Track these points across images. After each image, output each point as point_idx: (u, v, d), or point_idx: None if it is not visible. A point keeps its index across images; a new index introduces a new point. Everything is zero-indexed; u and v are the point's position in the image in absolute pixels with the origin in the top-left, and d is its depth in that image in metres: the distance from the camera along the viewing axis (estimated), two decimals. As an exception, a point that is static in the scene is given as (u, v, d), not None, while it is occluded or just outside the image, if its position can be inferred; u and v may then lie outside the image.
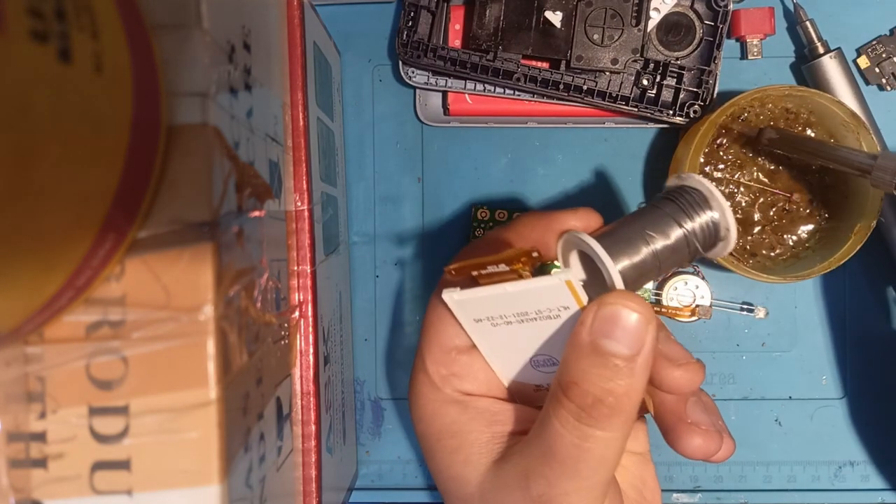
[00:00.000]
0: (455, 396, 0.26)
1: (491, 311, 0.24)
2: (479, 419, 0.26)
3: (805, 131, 0.36)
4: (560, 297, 0.23)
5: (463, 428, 0.26)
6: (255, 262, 0.23)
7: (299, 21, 0.29)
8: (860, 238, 0.34)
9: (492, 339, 0.25)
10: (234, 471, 0.20)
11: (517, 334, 0.25)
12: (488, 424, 0.26)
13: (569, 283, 0.22)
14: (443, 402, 0.26)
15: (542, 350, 0.25)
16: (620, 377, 0.22)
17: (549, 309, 0.24)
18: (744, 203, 0.36)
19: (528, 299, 0.23)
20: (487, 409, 0.26)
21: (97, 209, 0.17)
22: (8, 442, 0.19)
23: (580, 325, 0.23)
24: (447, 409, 0.26)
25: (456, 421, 0.26)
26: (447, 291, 0.24)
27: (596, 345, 0.22)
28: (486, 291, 0.23)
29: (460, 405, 0.26)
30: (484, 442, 0.25)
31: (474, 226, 0.39)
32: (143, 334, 0.19)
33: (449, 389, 0.26)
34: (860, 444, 0.39)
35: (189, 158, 0.19)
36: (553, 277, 0.22)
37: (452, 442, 0.26)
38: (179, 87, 0.19)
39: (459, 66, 0.36)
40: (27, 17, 0.14)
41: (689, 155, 0.34)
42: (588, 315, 0.23)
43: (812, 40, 0.37)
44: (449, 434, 0.26)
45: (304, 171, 0.29)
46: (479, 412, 0.26)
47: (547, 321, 0.24)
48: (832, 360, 0.39)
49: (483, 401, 0.26)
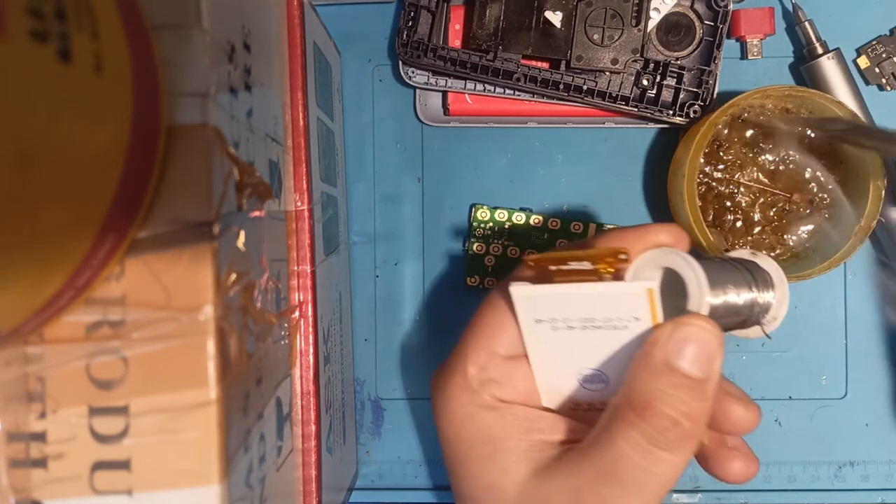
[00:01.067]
0: (491, 402, 0.25)
1: (557, 312, 0.24)
2: (517, 426, 0.25)
3: (805, 131, 0.36)
4: (635, 307, 0.22)
5: (499, 435, 0.25)
6: (255, 262, 0.23)
7: (299, 21, 0.29)
8: (860, 238, 0.34)
9: (545, 345, 0.25)
10: (234, 471, 0.20)
11: (575, 342, 0.24)
12: (526, 432, 0.25)
13: (650, 293, 0.22)
14: (478, 407, 0.25)
15: (596, 364, 0.24)
16: (696, 400, 0.22)
17: (619, 318, 0.23)
18: (744, 203, 0.36)
19: (600, 304, 0.23)
20: (525, 416, 0.25)
21: (97, 209, 0.17)
22: (8, 442, 0.19)
23: (653, 345, 0.22)
24: (482, 415, 0.25)
25: (492, 427, 0.25)
26: (516, 285, 0.23)
27: (670, 365, 0.22)
28: (558, 290, 0.23)
29: (496, 411, 0.25)
30: (522, 450, 0.25)
31: (474, 226, 0.39)
32: (143, 334, 0.19)
33: (486, 395, 0.25)
34: (860, 444, 0.39)
35: (189, 158, 0.19)
36: (635, 284, 0.22)
37: (487, 449, 0.25)
38: (179, 87, 0.19)
39: (459, 66, 0.36)
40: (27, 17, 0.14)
41: (689, 156, 0.34)
42: (663, 334, 0.22)
43: (811, 41, 0.37)
44: (483, 441, 0.25)
45: (304, 171, 0.29)
46: (516, 419, 0.25)
47: (612, 331, 0.23)
48: (832, 360, 0.39)
49: (520, 408, 0.25)
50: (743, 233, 0.36)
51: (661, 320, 0.23)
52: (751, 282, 0.25)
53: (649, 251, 0.23)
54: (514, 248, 0.39)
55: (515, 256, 0.39)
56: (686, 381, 0.22)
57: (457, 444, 0.26)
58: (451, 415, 0.26)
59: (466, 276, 0.39)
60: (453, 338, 0.27)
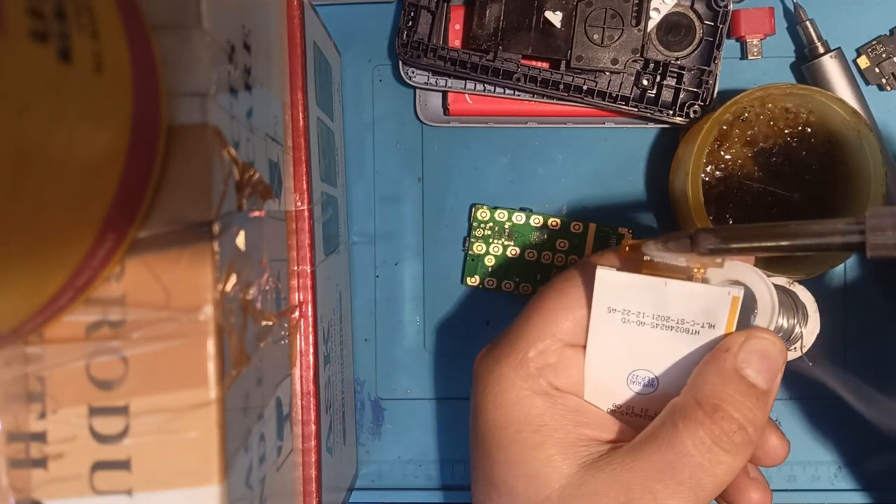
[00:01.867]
0: (546, 388, 0.25)
1: (633, 304, 0.24)
2: (568, 417, 0.25)
3: (805, 131, 0.36)
4: (716, 313, 0.23)
5: (549, 423, 0.24)
6: (255, 262, 0.23)
7: (299, 21, 0.29)
8: None
9: (609, 336, 0.24)
10: (234, 471, 0.20)
11: (639, 339, 0.24)
12: (576, 424, 0.25)
13: (735, 301, 0.23)
14: (531, 392, 0.25)
15: (652, 366, 0.25)
16: (760, 409, 0.23)
17: (695, 322, 0.23)
18: (746, 203, 0.36)
19: (681, 303, 0.23)
20: (577, 408, 0.25)
21: (97, 209, 0.17)
22: (8, 442, 0.19)
23: (725, 352, 0.23)
24: (534, 400, 0.25)
25: (543, 414, 0.24)
26: (602, 268, 0.24)
27: (741, 372, 0.23)
28: (646, 280, 0.23)
29: (550, 398, 0.25)
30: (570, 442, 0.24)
31: (474, 226, 0.39)
32: (143, 334, 0.19)
33: (542, 380, 0.25)
34: (860, 444, 0.39)
35: (189, 158, 0.19)
36: (723, 289, 0.23)
37: (536, 437, 0.24)
38: (179, 87, 0.19)
39: (459, 66, 0.36)
40: (27, 17, 0.14)
41: (693, 155, 0.34)
42: (735, 343, 0.23)
43: (812, 40, 0.37)
44: (533, 427, 0.24)
45: (304, 171, 0.29)
46: (567, 410, 0.25)
47: (681, 335, 0.24)
48: (832, 360, 0.39)
49: (572, 399, 0.25)
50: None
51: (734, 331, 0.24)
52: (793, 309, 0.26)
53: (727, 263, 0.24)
54: (514, 248, 0.39)
55: (515, 256, 0.39)
56: (753, 390, 0.23)
57: (503, 427, 0.25)
58: (501, 396, 0.25)
59: (466, 276, 0.39)
60: (453, 338, 0.27)
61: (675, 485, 0.23)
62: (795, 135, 0.36)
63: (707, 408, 0.23)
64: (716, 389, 0.23)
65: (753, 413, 0.23)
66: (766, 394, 0.23)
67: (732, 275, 0.24)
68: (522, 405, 0.25)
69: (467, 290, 0.39)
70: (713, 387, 0.23)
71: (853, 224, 0.21)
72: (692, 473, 0.22)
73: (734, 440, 0.23)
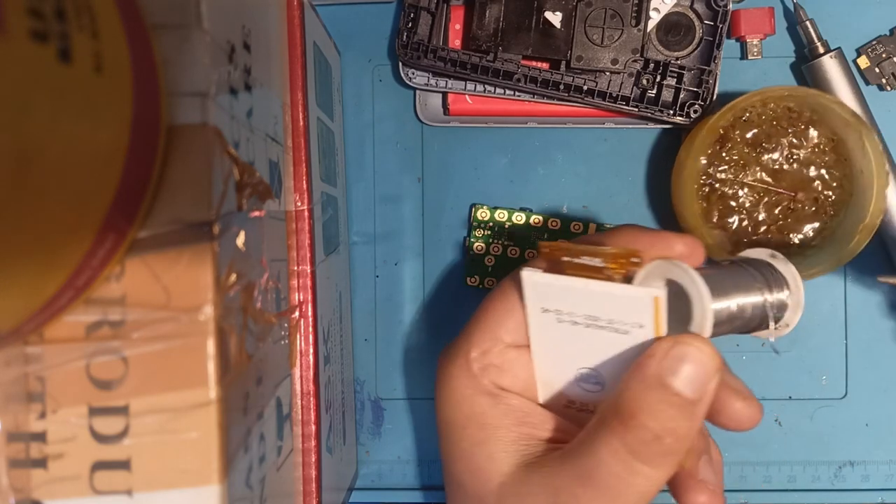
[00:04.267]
0: (490, 388, 0.25)
1: (563, 304, 0.23)
2: (510, 416, 0.25)
3: (807, 130, 0.36)
4: (640, 313, 0.22)
5: (492, 421, 0.25)
6: (255, 262, 0.23)
7: (299, 21, 0.29)
8: (866, 234, 0.34)
9: (549, 336, 0.25)
10: (234, 471, 0.20)
11: (577, 338, 0.24)
12: (518, 424, 0.25)
13: (657, 301, 0.22)
14: (476, 391, 0.25)
15: (594, 364, 0.24)
16: (683, 419, 0.22)
17: (623, 322, 0.23)
18: (748, 203, 0.36)
19: (606, 304, 0.23)
20: (520, 407, 0.25)
21: (97, 209, 0.17)
22: (8, 442, 0.19)
23: (649, 357, 0.22)
24: (479, 399, 0.25)
25: (486, 413, 0.25)
26: (529, 269, 0.23)
27: (663, 380, 0.22)
28: (568, 281, 0.23)
29: (493, 398, 0.25)
30: (511, 440, 0.25)
31: (474, 226, 0.39)
32: (143, 334, 0.19)
33: (486, 380, 0.25)
34: (860, 444, 0.39)
35: (189, 158, 0.19)
36: (643, 290, 0.22)
37: (480, 433, 0.25)
38: (179, 87, 0.19)
39: (459, 67, 0.36)
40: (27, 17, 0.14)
41: (690, 158, 0.34)
42: (660, 349, 0.22)
43: (812, 40, 0.37)
44: (477, 425, 0.25)
45: (304, 171, 0.29)
46: (510, 409, 0.25)
47: (613, 335, 0.23)
48: (832, 360, 0.39)
49: (516, 398, 0.26)
50: (748, 233, 0.36)
51: (665, 332, 0.22)
52: (763, 287, 0.24)
53: (658, 261, 0.23)
54: (514, 248, 0.39)
55: (515, 256, 0.39)
56: (676, 399, 0.22)
57: (452, 424, 0.26)
58: (450, 395, 0.26)
59: (466, 276, 0.39)
60: (453, 338, 0.27)
61: (595, 491, 0.22)
62: (798, 134, 0.36)
63: (623, 416, 0.22)
64: (635, 396, 0.22)
65: (675, 422, 0.22)
66: (692, 403, 0.22)
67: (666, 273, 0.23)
68: (468, 403, 0.25)
69: (467, 290, 0.39)
70: (633, 393, 0.22)
71: None
72: (610, 482, 0.22)
73: (650, 451, 0.22)
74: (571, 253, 0.23)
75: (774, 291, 0.25)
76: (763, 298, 0.24)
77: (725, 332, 0.24)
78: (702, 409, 0.22)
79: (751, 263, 0.25)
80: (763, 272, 0.25)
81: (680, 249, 0.25)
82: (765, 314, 0.24)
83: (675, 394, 0.22)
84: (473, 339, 0.26)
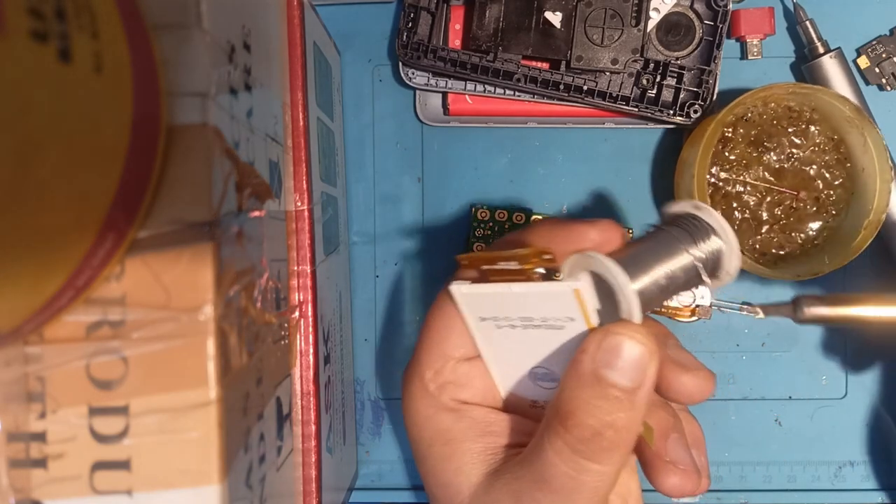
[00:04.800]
0: (450, 404, 0.26)
1: (497, 310, 0.24)
2: (474, 428, 0.25)
3: (808, 129, 0.36)
4: (567, 307, 0.22)
5: (456, 436, 0.25)
6: (255, 262, 0.23)
7: (299, 21, 0.29)
8: (871, 231, 0.34)
9: (494, 343, 0.25)
10: (234, 471, 0.20)
11: (520, 341, 0.24)
12: (482, 434, 0.25)
13: (577, 292, 0.22)
14: (437, 409, 0.26)
15: (543, 363, 0.24)
16: (621, 410, 0.22)
17: (555, 318, 0.23)
18: (751, 202, 0.36)
19: (534, 303, 0.23)
20: (482, 418, 0.26)
21: (97, 209, 0.17)
22: (8, 442, 0.19)
23: (582, 353, 0.22)
24: (441, 417, 0.26)
25: (450, 429, 0.25)
26: (456, 283, 0.24)
27: (598, 374, 0.22)
28: (492, 288, 0.23)
29: (455, 413, 0.26)
30: (476, 452, 0.25)
31: (474, 226, 0.39)
32: (143, 334, 0.19)
33: (445, 397, 0.26)
34: (860, 444, 0.39)
35: (189, 158, 0.19)
36: (562, 284, 0.22)
37: (445, 449, 0.25)
38: (179, 87, 0.19)
39: (459, 67, 0.36)
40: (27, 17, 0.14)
41: (698, 156, 0.34)
42: (591, 343, 0.22)
43: (812, 40, 0.37)
44: (442, 441, 0.25)
45: (304, 171, 0.29)
46: (473, 421, 0.25)
47: (551, 331, 0.23)
48: (832, 360, 0.39)
49: (478, 410, 0.26)
50: (751, 232, 0.36)
51: (596, 321, 0.22)
52: (689, 245, 0.24)
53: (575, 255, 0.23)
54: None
55: (515, 256, 0.39)
56: (613, 391, 0.22)
57: (419, 443, 0.26)
58: (414, 415, 0.26)
59: (466, 276, 0.39)
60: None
61: (551, 493, 0.22)
62: (799, 133, 0.36)
63: (562, 416, 0.22)
64: (572, 395, 0.22)
65: (612, 416, 0.22)
66: (631, 391, 0.22)
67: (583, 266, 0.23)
68: (432, 422, 0.26)
69: (467, 290, 0.39)
70: (570, 392, 0.22)
71: None
72: (563, 483, 0.22)
73: (593, 447, 0.22)
74: (489, 260, 0.23)
75: (703, 245, 0.24)
76: (691, 258, 0.23)
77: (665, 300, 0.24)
78: (641, 395, 0.22)
79: (676, 222, 0.24)
80: (689, 228, 0.24)
81: (594, 237, 0.24)
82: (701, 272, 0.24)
83: (612, 385, 0.22)
84: (423, 360, 0.26)
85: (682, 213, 0.25)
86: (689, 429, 0.27)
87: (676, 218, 0.25)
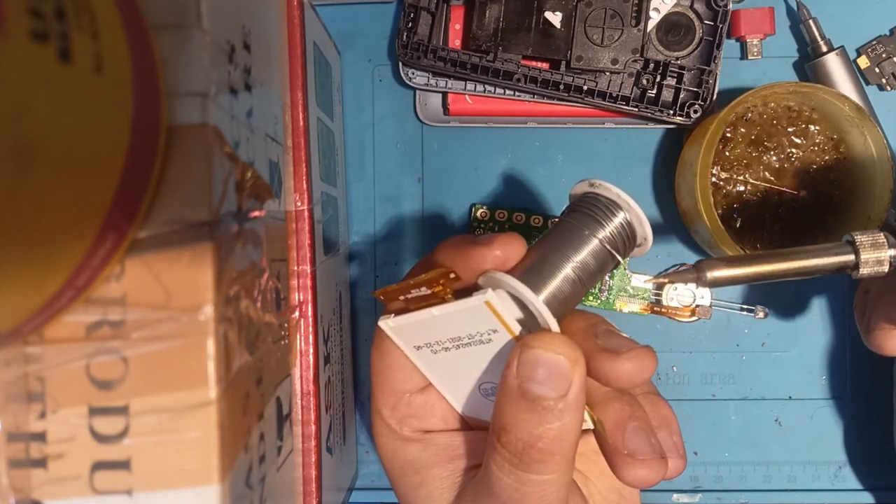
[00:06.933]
0: (413, 436, 0.26)
1: (427, 337, 0.24)
2: (441, 455, 0.26)
3: (808, 129, 0.36)
4: (486, 320, 0.22)
5: (424, 465, 0.26)
6: (255, 262, 0.23)
7: (299, 21, 0.29)
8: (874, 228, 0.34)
9: (437, 368, 0.25)
10: (234, 471, 0.20)
11: (458, 361, 0.24)
12: (448, 460, 0.26)
13: (489, 304, 0.22)
14: (402, 442, 0.26)
15: (484, 378, 0.25)
16: (549, 421, 0.22)
17: (480, 333, 0.23)
18: (753, 202, 0.36)
19: (456, 323, 0.23)
20: (447, 444, 0.26)
21: (97, 209, 0.17)
22: (8, 442, 0.19)
23: (507, 369, 0.22)
24: (407, 448, 0.26)
25: (417, 458, 0.26)
26: (382, 319, 0.24)
27: (523, 389, 0.22)
28: (415, 316, 0.23)
29: (420, 443, 0.26)
30: (445, 477, 0.26)
31: (474, 226, 0.39)
32: (143, 334, 0.19)
33: (406, 431, 0.26)
34: (860, 444, 0.39)
35: (189, 158, 0.19)
36: (473, 299, 0.22)
37: (415, 478, 0.26)
38: (179, 87, 0.19)
39: (459, 67, 0.36)
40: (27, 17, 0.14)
41: (700, 155, 0.34)
42: (513, 359, 0.22)
43: (815, 38, 0.37)
44: (411, 470, 0.26)
45: (304, 171, 0.29)
46: (439, 448, 0.26)
47: (482, 346, 0.23)
48: (832, 360, 0.39)
49: (442, 436, 0.26)
50: (752, 231, 0.36)
51: (517, 329, 0.23)
52: (595, 228, 0.23)
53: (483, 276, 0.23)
54: (514, 248, 0.39)
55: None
56: (536, 403, 0.22)
57: (391, 472, 0.27)
58: (382, 448, 0.27)
59: (466, 276, 0.39)
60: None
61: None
62: (799, 133, 0.36)
63: (497, 431, 0.22)
64: (502, 410, 0.22)
65: (541, 427, 0.22)
66: (556, 400, 0.22)
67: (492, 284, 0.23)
68: (399, 454, 0.26)
69: (467, 290, 0.39)
70: (500, 407, 0.22)
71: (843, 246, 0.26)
72: (509, 495, 0.22)
73: (529, 459, 0.22)
74: (403, 290, 0.23)
75: (607, 222, 0.23)
76: (597, 241, 0.23)
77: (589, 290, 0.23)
78: (570, 402, 0.22)
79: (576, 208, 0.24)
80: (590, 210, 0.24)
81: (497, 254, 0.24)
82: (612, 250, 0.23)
83: (537, 398, 0.22)
84: (378, 399, 0.26)
85: (581, 195, 0.24)
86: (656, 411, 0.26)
87: (577, 203, 0.24)
